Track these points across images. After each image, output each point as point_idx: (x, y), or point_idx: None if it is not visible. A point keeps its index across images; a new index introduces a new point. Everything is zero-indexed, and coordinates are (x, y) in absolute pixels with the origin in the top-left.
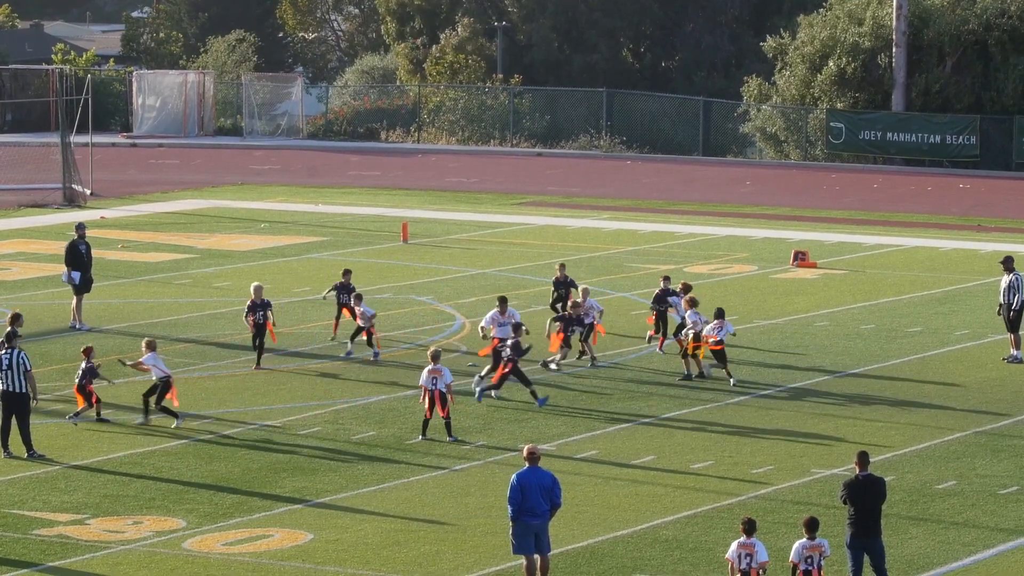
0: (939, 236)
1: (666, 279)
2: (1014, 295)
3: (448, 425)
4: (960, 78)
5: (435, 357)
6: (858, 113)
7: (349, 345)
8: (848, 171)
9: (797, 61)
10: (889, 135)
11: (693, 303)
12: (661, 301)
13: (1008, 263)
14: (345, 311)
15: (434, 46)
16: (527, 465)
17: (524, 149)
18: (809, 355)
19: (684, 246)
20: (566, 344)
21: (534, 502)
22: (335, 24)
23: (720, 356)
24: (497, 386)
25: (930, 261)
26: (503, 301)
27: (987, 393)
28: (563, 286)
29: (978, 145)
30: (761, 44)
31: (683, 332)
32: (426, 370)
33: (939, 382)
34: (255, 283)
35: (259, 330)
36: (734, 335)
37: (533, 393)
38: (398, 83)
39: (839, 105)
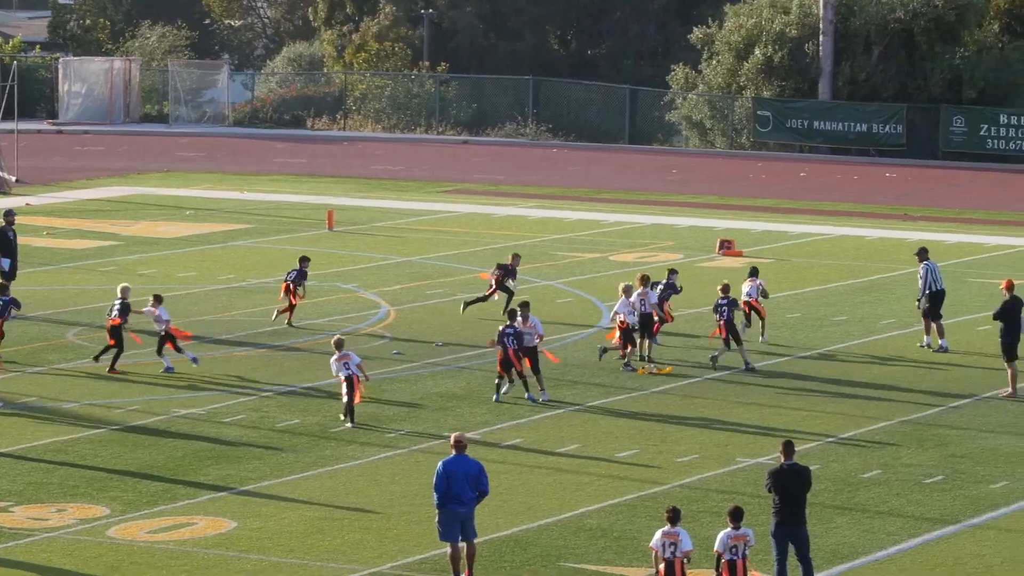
0: (865, 225)
1: (672, 272)
2: (933, 283)
3: (351, 410)
4: (887, 67)
5: (339, 345)
6: (784, 101)
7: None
8: (774, 159)
9: (724, 50)
10: (816, 123)
11: (627, 292)
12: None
13: (922, 254)
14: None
15: (353, 34)
16: (453, 453)
17: (450, 137)
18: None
19: (610, 234)
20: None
21: (460, 490)
22: (261, 11)
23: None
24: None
25: (856, 250)
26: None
27: (913, 383)
28: (511, 275)
29: (904, 134)
30: (688, 34)
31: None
32: (333, 359)
33: (865, 371)
34: (122, 284)
35: (112, 332)
36: (765, 297)
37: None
38: (324, 70)
39: (765, 93)
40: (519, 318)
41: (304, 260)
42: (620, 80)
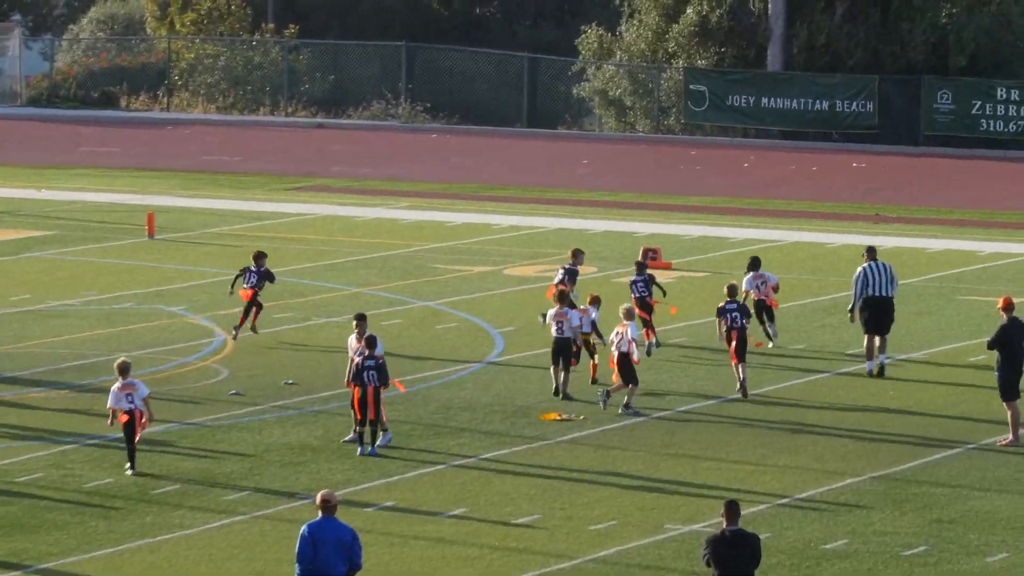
0: (826, 229)
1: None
2: (874, 288)
3: (132, 454)
4: (853, 28)
5: (123, 370)
6: (725, 73)
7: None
8: (712, 146)
9: (648, 7)
10: (764, 100)
11: (628, 315)
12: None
13: (869, 253)
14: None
15: None
16: (320, 515)
17: (302, 119)
18: (662, 381)
19: (503, 242)
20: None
21: (328, 561)
22: None
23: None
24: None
25: (814, 260)
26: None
27: (887, 427)
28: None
29: (876, 113)
30: None
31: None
32: (115, 387)
33: (827, 415)
34: None
35: None
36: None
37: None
38: (143, 35)
39: (701, 63)
40: (379, 346)
41: (260, 256)
42: (516, 47)
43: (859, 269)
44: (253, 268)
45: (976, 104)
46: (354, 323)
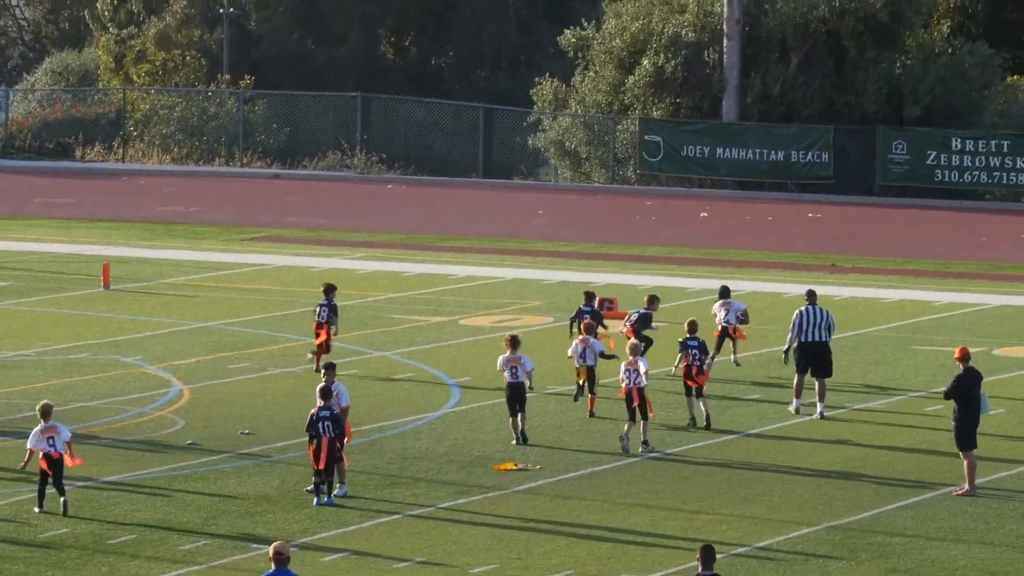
0: (783, 279)
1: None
2: (810, 332)
3: (64, 503)
4: (808, 79)
5: (45, 413)
6: (680, 123)
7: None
8: (668, 196)
9: (603, 58)
10: (719, 151)
11: (634, 351)
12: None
13: (809, 296)
14: (321, 333)
15: (134, 40)
16: (273, 567)
17: (258, 170)
18: (618, 431)
19: (460, 292)
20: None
21: None
22: (17, 10)
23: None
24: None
25: (771, 310)
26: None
27: (844, 477)
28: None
29: (831, 163)
30: (558, 37)
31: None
32: (36, 430)
33: (783, 463)
34: None
35: None
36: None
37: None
38: (99, 85)
39: (656, 114)
40: (344, 398)
41: (331, 289)
42: (471, 96)
43: (796, 312)
44: (323, 301)
45: (931, 154)
46: (323, 372)
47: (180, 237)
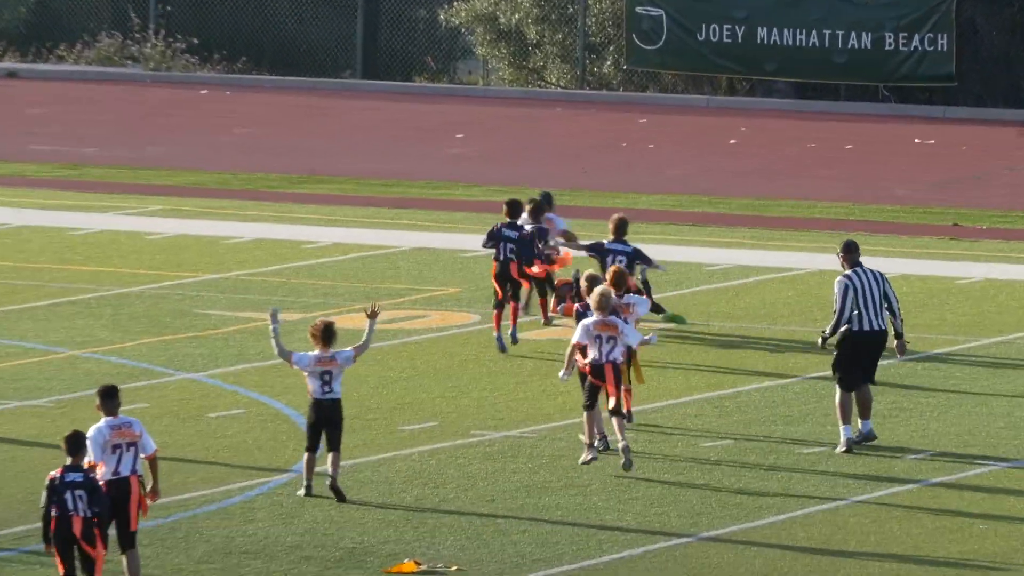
0: (872, 250)
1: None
2: (863, 314)
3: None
4: None
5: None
6: None
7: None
8: (672, 109)
9: None
10: (762, 32)
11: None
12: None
13: (849, 250)
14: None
15: None
16: None
17: None
18: (602, 471)
19: (325, 270)
20: None
21: None
22: None
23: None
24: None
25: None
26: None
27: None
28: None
29: (952, 55)
30: None
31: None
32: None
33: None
34: None
35: None
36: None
37: None
38: None
39: None
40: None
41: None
42: None
43: (841, 281)
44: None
45: None
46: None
47: None
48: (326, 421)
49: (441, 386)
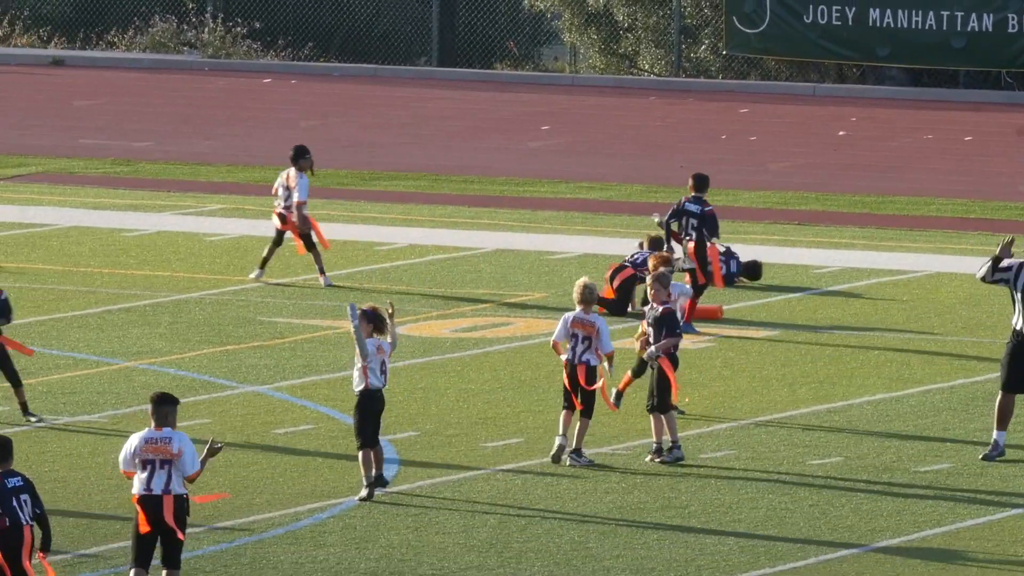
0: (990, 250)
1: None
2: None
3: None
4: None
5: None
6: None
7: None
8: (777, 97)
9: None
10: (874, 14)
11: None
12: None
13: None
14: None
15: None
16: None
17: (26, 50)
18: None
19: (400, 273)
20: None
21: None
22: None
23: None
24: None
25: (972, 306)
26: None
27: None
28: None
29: None
30: None
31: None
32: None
33: None
34: None
35: None
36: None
37: None
38: None
39: None
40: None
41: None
42: None
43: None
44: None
45: None
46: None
47: None
48: (372, 408)
49: (526, 399)
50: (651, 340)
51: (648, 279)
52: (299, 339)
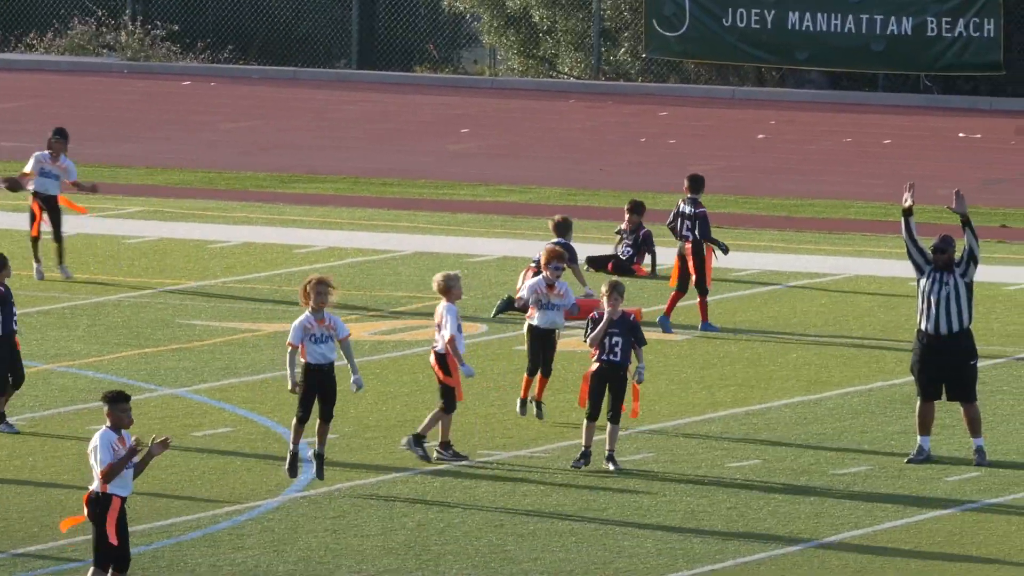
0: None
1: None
2: (948, 315)
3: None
4: None
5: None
6: None
7: None
8: (696, 101)
9: None
10: (793, 18)
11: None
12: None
13: (943, 246)
14: None
15: None
16: None
17: None
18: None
19: (327, 274)
20: None
21: None
22: None
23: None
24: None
25: (889, 308)
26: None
27: None
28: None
29: (1000, 41)
30: None
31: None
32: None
33: None
34: None
35: None
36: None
37: None
38: None
39: None
40: None
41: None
42: None
43: (922, 281)
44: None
45: None
46: None
47: None
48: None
49: None
50: (619, 348)
51: (604, 287)
52: (218, 342)
